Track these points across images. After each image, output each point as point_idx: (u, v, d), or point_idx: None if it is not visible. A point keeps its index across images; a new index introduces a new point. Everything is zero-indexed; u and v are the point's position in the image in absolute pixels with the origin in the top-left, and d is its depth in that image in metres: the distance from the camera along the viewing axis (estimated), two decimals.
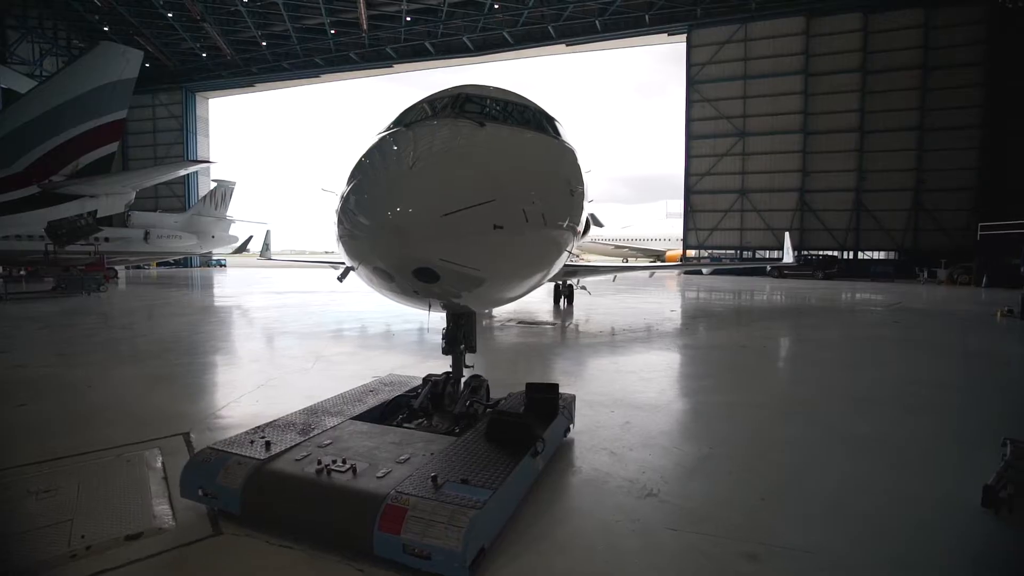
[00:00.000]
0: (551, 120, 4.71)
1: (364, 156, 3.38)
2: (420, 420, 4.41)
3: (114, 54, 20.87)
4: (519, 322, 12.59)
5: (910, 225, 32.85)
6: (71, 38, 41.08)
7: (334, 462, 3.20)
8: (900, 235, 33.12)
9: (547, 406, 4.22)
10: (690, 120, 36.66)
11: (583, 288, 16.35)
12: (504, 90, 4.49)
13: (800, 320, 14.12)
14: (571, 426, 4.62)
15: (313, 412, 4.19)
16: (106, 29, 38.91)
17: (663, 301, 18.23)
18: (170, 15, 37.69)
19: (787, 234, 19.47)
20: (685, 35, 36.30)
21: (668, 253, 46.48)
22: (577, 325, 12.42)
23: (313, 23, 39.99)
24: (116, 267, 29.92)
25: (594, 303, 16.78)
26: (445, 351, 4.37)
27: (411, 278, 2.99)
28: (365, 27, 39.36)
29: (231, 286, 25.95)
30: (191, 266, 46.35)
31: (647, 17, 36.33)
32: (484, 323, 12.47)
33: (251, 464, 3.20)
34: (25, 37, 38.01)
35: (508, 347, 9.52)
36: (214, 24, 38.63)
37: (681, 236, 38.47)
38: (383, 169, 3.17)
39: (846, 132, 33.46)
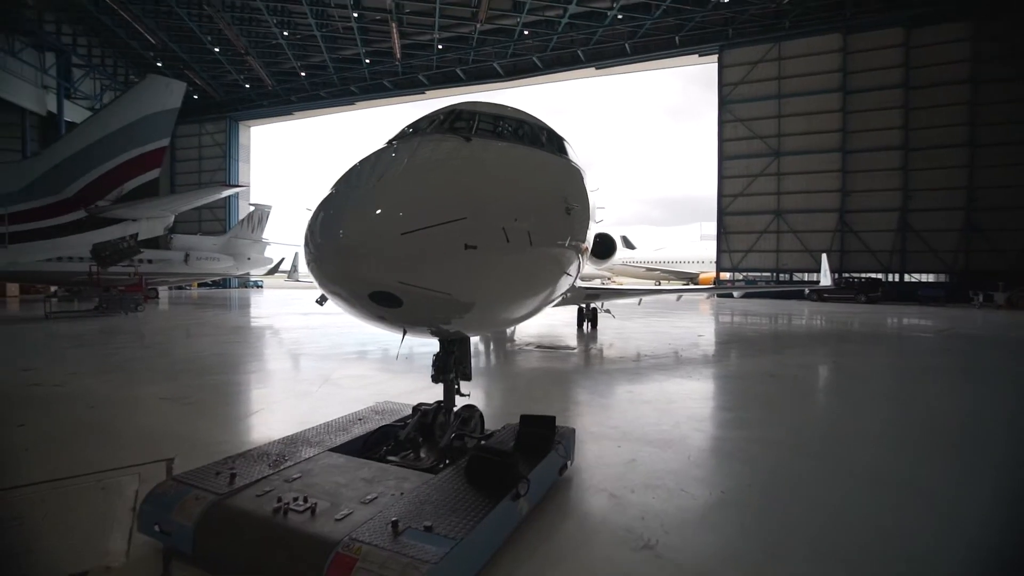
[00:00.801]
0: (553, 136, 4.50)
1: (341, 175, 3.24)
2: (407, 453, 4.15)
3: (159, 86, 22.06)
4: (538, 346, 12.24)
5: (962, 246, 30.93)
6: (128, 73, 43.90)
7: (295, 500, 2.97)
8: (951, 256, 31.22)
9: (538, 442, 3.89)
10: (722, 140, 35.95)
11: (607, 311, 15.90)
12: (502, 106, 4.33)
13: (838, 347, 13.25)
14: (569, 463, 4.25)
15: (291, 442, 3.99)
16: (159, 64, 41.44)
17: (693, 325, 17.53)
18: (217, 50, 39.85)
19: (824, 256, 18.53)
20: (716, 55, 35.86)
21: (701, 276, 45.30)
22: (600, 350, 11.98)
23: (349, 53, 41.51)
24: (158, 287, 31.15)
25: (621, 327, 16.27)
26: (435, 379, 4.13)
27: (368, 303, 2.77)
28: (399, 56, 40.59)
29: (263, 306, 26.57)
30: (229, 287, 47.97)
31: (677, 39, 36.16)
32: (505, 346, 12.20)
33: (208, 499, 3.00)
34: (88, 74, 40.87)
35: (521, 372, 9.18)
36: (257, 57, 40.60)
37: (715, 258, 37.41)
38: (345, 187, 3.00)
39: (888, 150, 32.07)
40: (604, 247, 19.36)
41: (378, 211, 2.65)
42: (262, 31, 38.42)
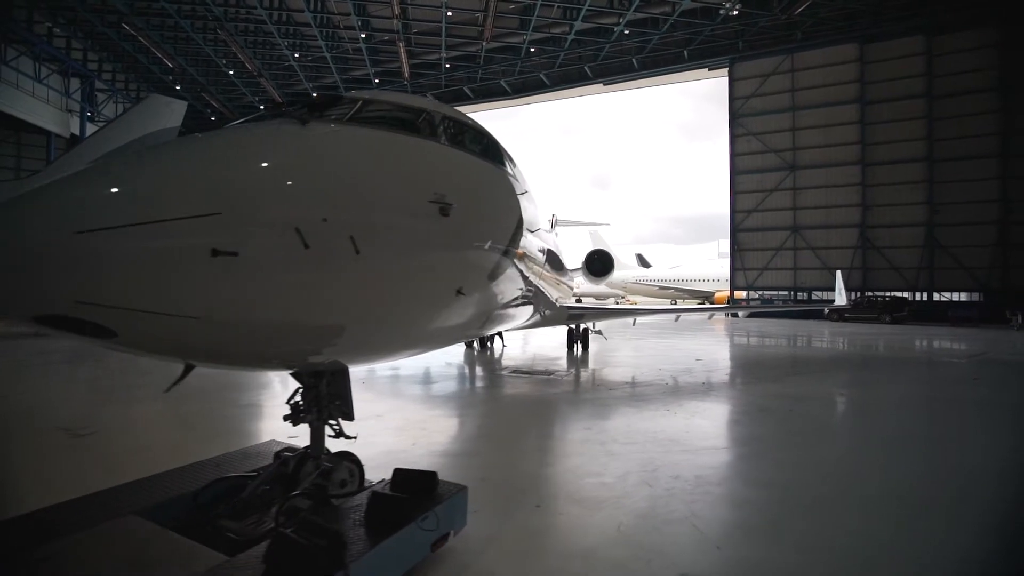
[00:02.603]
0: (466, 129, 3.83)
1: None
2: (255, 514, 3.37)
3: (159, 105, 22.25)
4: (513, 371, 11.39)
5: (997, 262, 29.00)
6: (149, 96, 45.24)
7: None
8: (984, 274, 29.28)
9: (395, 509, 3.06)
10: (734, 155, 34.86)
11: (598, 332, 14.96)
12: (410, 96, 3.82)
13: (852, 374, 12.03)
14: (453, 533, 3.40)
15: (95, 501, 3.23)
16: (178, 88, 42.55)
17: (695, 348, 16.41)
18: (231, 72, 40.71)
19: (838, 273, 17.28)
20: (726, 69, 35.03)
21: (717, 294, 43.78)
22: (580, 376, 11.05)
23: (359, 74, 41.98)
24: None
25: (615, 349, 15.31)
26: (291, 420, 3.38)
27: (44, 327, 2.02)
28: (407, 75, 40.82)
29: None
30: None
31: (686, 53, 35.46)
32: (476, 371, 11.37)
33: None
34: (111, 98, 42.20)
35: (476, 402, 8.36)
36: (270, 79, 41.32)
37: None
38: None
39: (912, 162, 30.53)
40: (601, 264, 18.51)
41: (62, 200, 1.92)
42: (275, 53, 39.11)
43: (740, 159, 34.74)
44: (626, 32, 34.60)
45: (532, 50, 37.83)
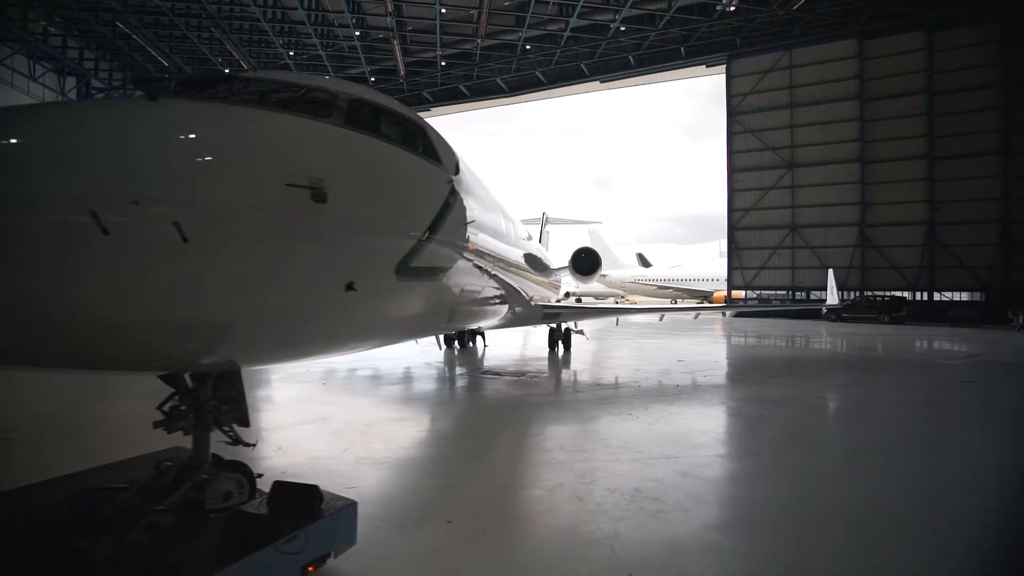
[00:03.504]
0: (384, 116, 3.64)
1: None
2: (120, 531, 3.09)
3: None
4: (485, 371, 11.12)
5: (998, 261, 28.44)
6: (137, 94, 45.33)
7: None
8: (986, 273, 28.73)
9: (253, 531, 2.79)
10: (732, 152, 34.44)
11: (580, 332, 14.66)
12: (299, 75, 3.68)
13: (840, 375, 11.69)
14: (332, 554, 3.12)
15: None
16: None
17: (682, 347, 16.09)
18: (227, 71, 40.61)
19: (830, 271, 16.87)
20: (724, 66, 34.59)
21: (716, 294, 43.37)
22: (551, 377, 10.77)
23: (355, 72, 41.79)
24: None
25: (598, 349, 15.02)
26: (166, 427, 3.11)
27: None
28: (403, 73, 40.64)
29: None
30: None
31: (683, 50, 35.02)
32: (453, 372, 11.11)
33: None
34: (108, 96, 42.26)
35: (430, 406, 8.08)
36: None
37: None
38: None
39: (912, 159, 30.00)
40: (588, 262, 18.21)
41: None
42: (270, 52, 39.00)
43: (738, 157, 34.32)
44: (622, 29, 34.21)
45: (528, 47, 37.52)
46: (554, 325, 14.04)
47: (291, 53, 38.46)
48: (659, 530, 3.86)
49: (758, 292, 34.04)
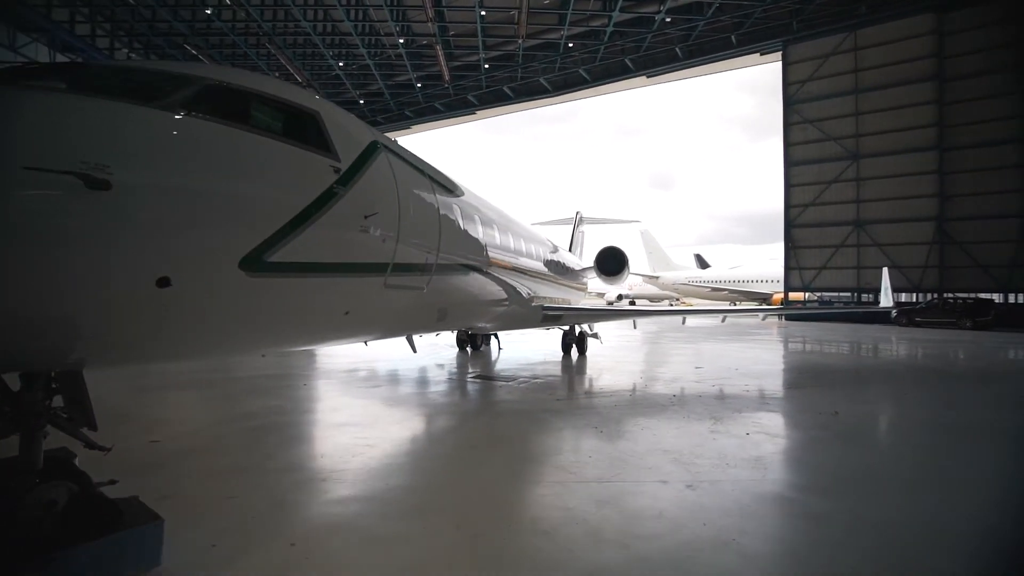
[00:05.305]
0: (252, 102, 3.52)
1: None
2: None
3: None
4: (479, 376, 10.84)
5: None
6: None
7: None
8: None
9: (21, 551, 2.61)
10: (788, 145, 32.10)
11: (594, 335, 14.00)
12: (153, 61, 3.39)
13: (867, 390, 10.36)
14: None
15: None
16: None
17: (713, 353, 15.01)
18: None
19: (884, 270, 15.10)
20: (780, 53, 32.33)
21: (775, 296, 40.64)
22: (546, 384, 10.27)
23: (402, 79, 42.88)
24: None
25: (612, 354, 14.29)
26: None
27: None
28: (447, 78, 41.19)
29: None
30: None
31: (734, 38, 33.06)
32: (440, 375, 10.91)
33: None
34: None
35: (398, 408, 7.87)
36: (319, 88, 43.16)
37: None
38: None
39: (1001, 144, 26.59)
40: (615, 262, 17.43)
41: None
42: (322, 64, 40.80)
43: (795, 149, 31.95)
44: (668, 20, 32.85)
45: (571, 45, 36.92)
46: (567, 328, 13.49)
47: (340, 64, 40.00)
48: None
49: (819, 294, 31.45)
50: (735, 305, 42.86)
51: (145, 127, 2.90)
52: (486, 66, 40.29)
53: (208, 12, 32.63)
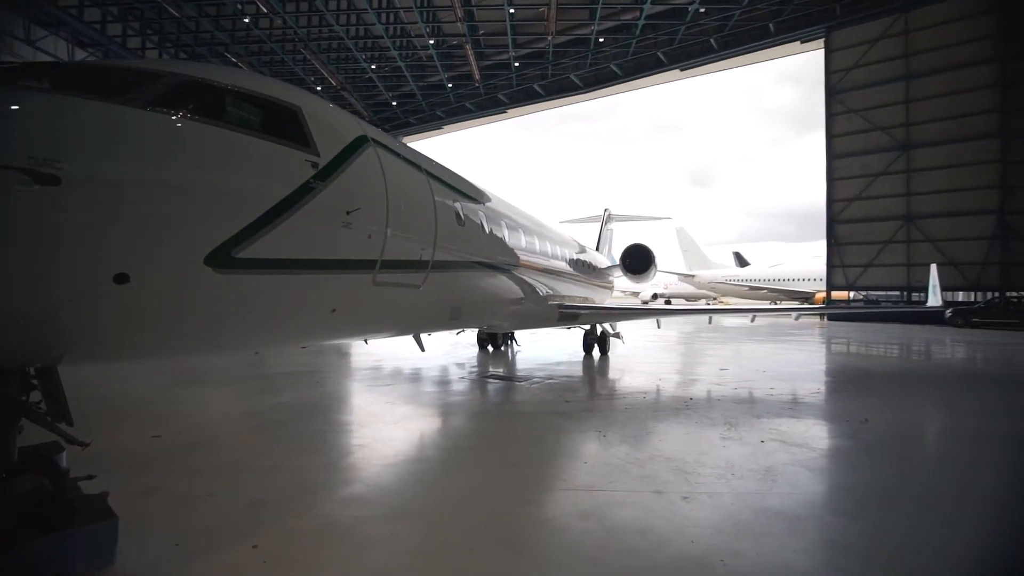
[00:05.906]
0: (224, 97, 3.53)
1: None
2: None
3: None
4: (490, 375, 10.71)
5: None
6: None
7: None
8: None
9: None
10: (832, 136, 30.51)
11: (616, 335, 13.59)
12: (130, 60, 3.44)
13: (894, 398, 9.56)
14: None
15: None
16: None
17: (746, 355, 14.35)
18: (319, 88, 44.04)
19: (933, 267, 14.03)
20: (822, 40, 30.74)
21: (817, 295, 38.77)
22: (556, 385, 10.00)
23: (434, 80, 43.25)
24: None
25: (634, 355, 13.87)
26: None
27: None
28: (478, 77, 41.27)
29: None
30: None
31: (772, 26, 31.66)
32: (456, 373, 10.83)
33: None
34: None
35: (401, 406, 7.80)
36: (353, 91, 44.10)
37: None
38: None
39: None
40: (641, 259, 16.97)
41: None
42: (355, 67, 41.62)
43: (839, 141, 30.34)
44: (702, 10, 31.81)
45: (601, 40, 36.30)
46: (588, 327, 13.16)
47: (373, 67, 40.66)
48: None
49: (865, 293, 29.76)
50: (776, 304, 41.19)
51: (100, 122, 2.87)
52: (516, 64, 40.11)
53: (246, 20, 33.82)
